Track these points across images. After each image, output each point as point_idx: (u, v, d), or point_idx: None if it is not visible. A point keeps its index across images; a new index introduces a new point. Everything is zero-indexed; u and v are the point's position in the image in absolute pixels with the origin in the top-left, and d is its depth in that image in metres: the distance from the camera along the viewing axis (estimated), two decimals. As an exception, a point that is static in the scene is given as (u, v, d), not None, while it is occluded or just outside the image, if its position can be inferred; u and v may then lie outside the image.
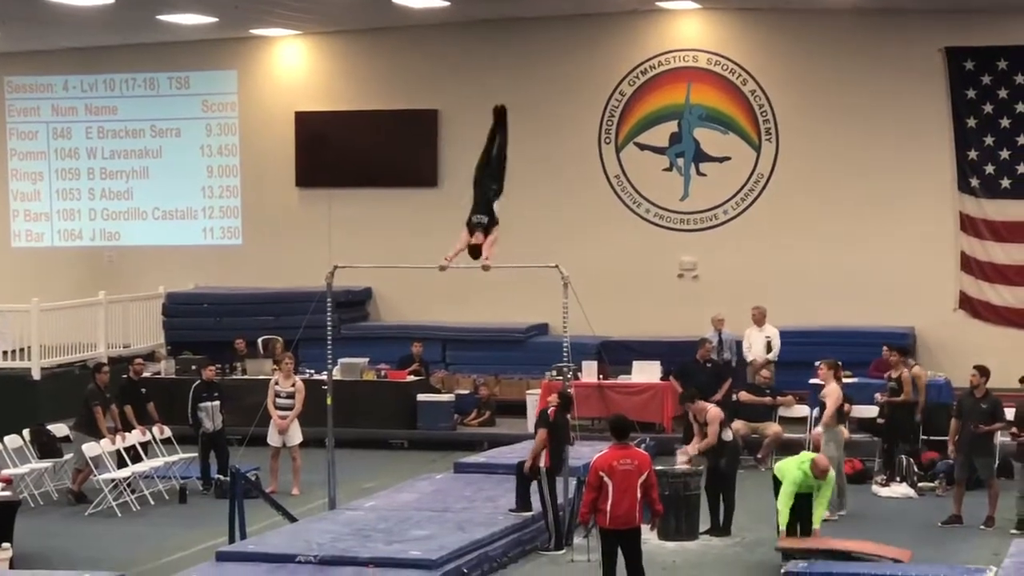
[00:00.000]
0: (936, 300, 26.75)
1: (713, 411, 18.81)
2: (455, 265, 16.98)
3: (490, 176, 16.82)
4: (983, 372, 19.35)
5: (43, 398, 25.92)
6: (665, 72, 28.13)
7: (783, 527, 16.75)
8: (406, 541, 16.41)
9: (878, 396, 22.19)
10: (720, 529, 18.43)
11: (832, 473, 17.11)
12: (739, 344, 25.12)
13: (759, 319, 25.08)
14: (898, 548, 16.71)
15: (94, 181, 31.43)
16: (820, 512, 16.84)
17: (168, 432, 22.21)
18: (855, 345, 25.04)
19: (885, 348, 23.54)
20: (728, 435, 18.82)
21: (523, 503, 17.92)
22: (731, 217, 27.97)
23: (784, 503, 16.62)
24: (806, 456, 17.08)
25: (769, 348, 24.82)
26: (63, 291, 29.13)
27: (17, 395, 25.81)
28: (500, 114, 17.01)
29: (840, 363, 20.69)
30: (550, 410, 17.75)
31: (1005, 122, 26.41)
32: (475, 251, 16.56)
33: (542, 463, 17.62)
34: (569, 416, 18.11)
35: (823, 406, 20.00)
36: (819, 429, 19.73)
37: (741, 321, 25.43)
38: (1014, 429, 19.07)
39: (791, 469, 16.80)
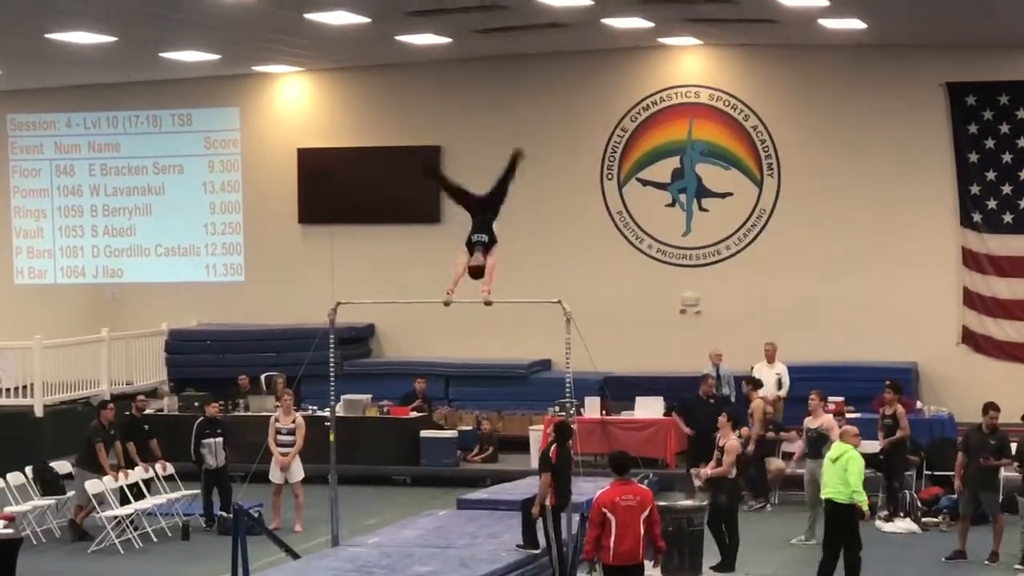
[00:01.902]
0: (939, 335, 26.74)
1: (732, 442, 18.85)
2: (458, 300, 16.83)
3: (491, 205, 16.68)
4: (998, 409, 19.36)
5: (46, 435, 25.89)
6: (667, 108, 28.18)
7: (867, 507, 17.22)
8: (409, 578, 16.37)
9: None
10: (724, 564, 18.36)
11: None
12: (737, 379, 25.09)
13: (770, 356, 25.08)
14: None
15: (97, 218, 31.46)
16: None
17: (171, 469, 22.18)
18: (857, 380, 25.00)
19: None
20: (732, 471, 18.77)
21: (530, 540, 17.84)
22: (733, 253, 27.98)
23: (859, 484, 17.01)
24: (841, 445, 17.40)
25: (780, 385, 24.83)
26: (66, 328, 29.11)
27: (20, 432, 25.77)
28: (516, 158, 16.85)
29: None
30: (551, 451, 17.63)
31: (1007, 157, 26.44)
32: (476, 272, 16.12)
33: (547, 501, 17.54)
34: (570, 444, 17.99)
35: (816, 438, 20.39)
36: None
37: (743, 357, 25.42)
38: (1016, 464, 19.04)
39: (855, 458, 17.13)
